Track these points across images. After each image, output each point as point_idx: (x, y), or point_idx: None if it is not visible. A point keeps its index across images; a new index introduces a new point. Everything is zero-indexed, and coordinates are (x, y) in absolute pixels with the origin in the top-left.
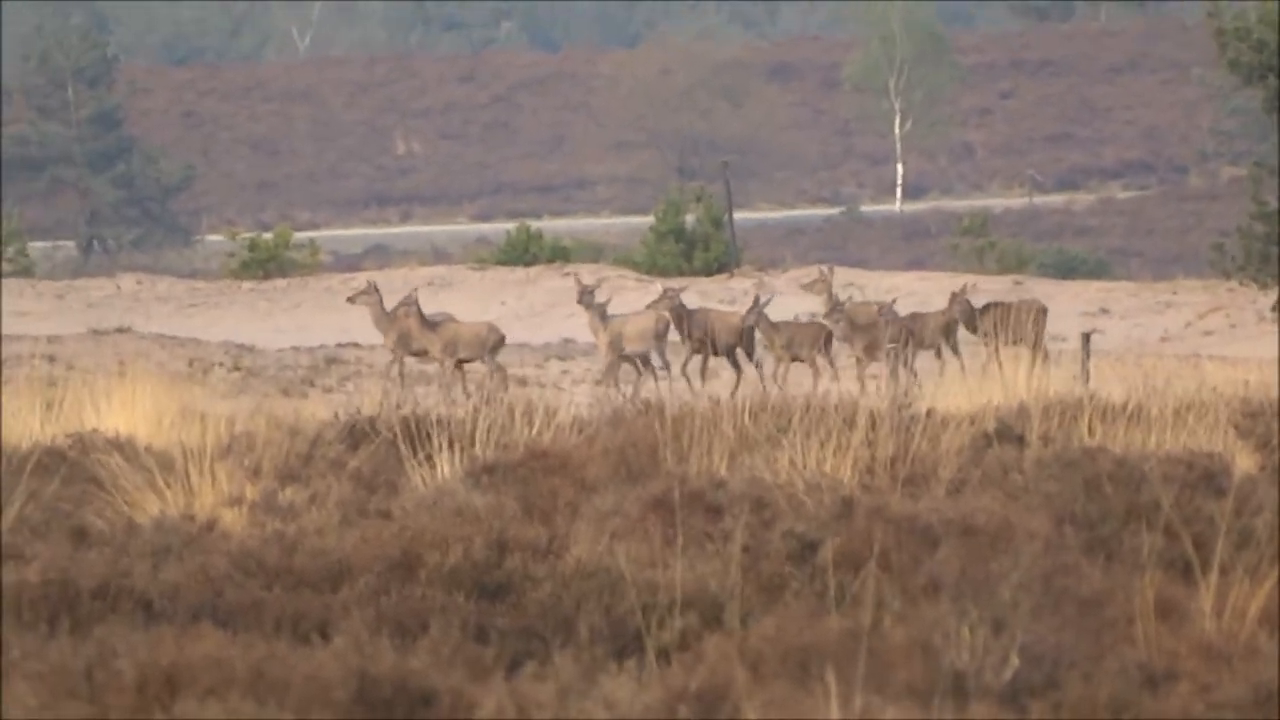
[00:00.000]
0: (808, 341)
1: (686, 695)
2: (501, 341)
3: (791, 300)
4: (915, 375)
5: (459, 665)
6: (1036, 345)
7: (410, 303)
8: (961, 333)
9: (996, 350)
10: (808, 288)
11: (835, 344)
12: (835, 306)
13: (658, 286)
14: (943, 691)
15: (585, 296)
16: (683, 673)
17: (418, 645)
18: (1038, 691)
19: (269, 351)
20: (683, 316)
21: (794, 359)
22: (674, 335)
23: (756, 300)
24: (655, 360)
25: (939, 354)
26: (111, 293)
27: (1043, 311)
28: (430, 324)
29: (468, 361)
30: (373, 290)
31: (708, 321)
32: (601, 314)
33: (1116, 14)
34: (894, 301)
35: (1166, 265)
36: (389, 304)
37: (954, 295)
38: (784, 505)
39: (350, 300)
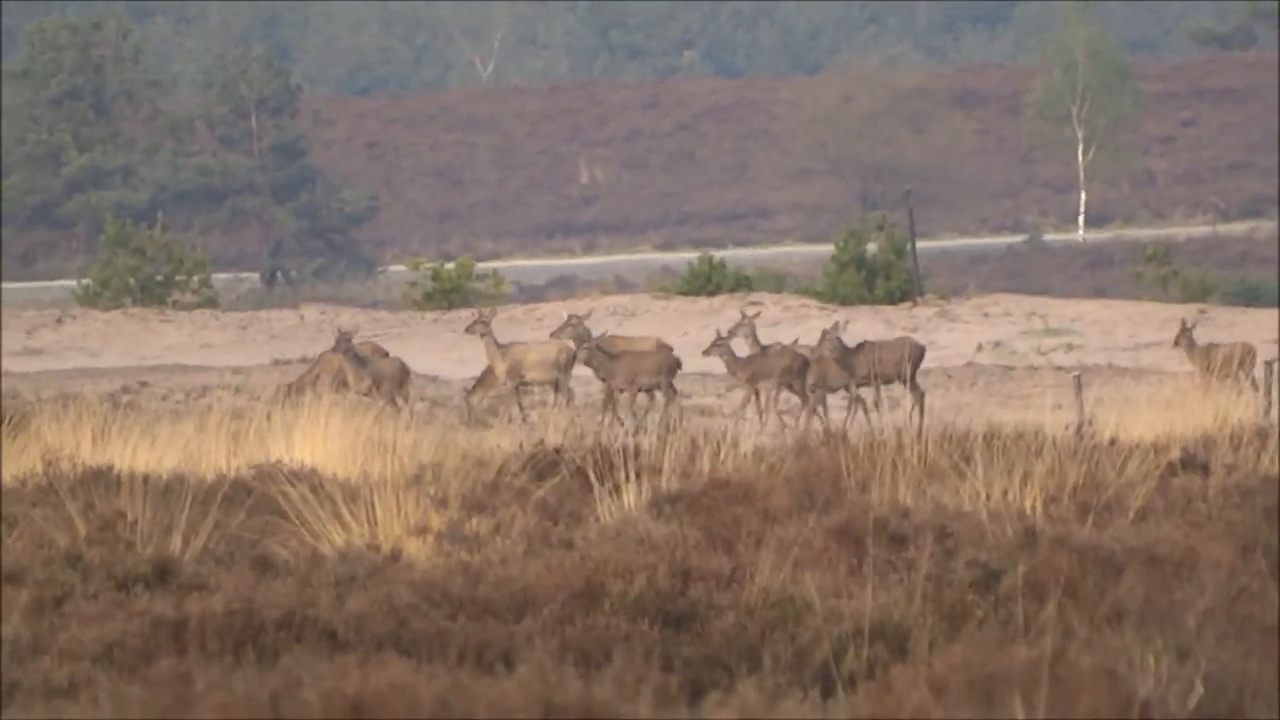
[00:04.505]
0: (648, 370)
1: None
2: (409, 376)
3: (974, 328)
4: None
5: (644, 694)
6: (911, 384)
7: (346, 339)
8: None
9: (878, 390)
10: (733, 330)
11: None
12: (718, 341)
13: (839, 315)
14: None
15: (478, 325)
16: (869, 702)
17: (602, 674)
18: (1222, 719)
19: (453, 382)
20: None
21: (639, 390)
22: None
23: (587, 333)
24: (561, 388)
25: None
26: (295, 323)
27: (917, 349)
28: (360, 360)
29: (390, 396)
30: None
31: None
32: (498, 342)
33: None
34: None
35: None
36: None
37: (825, 333)
38: (968, 534)
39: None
